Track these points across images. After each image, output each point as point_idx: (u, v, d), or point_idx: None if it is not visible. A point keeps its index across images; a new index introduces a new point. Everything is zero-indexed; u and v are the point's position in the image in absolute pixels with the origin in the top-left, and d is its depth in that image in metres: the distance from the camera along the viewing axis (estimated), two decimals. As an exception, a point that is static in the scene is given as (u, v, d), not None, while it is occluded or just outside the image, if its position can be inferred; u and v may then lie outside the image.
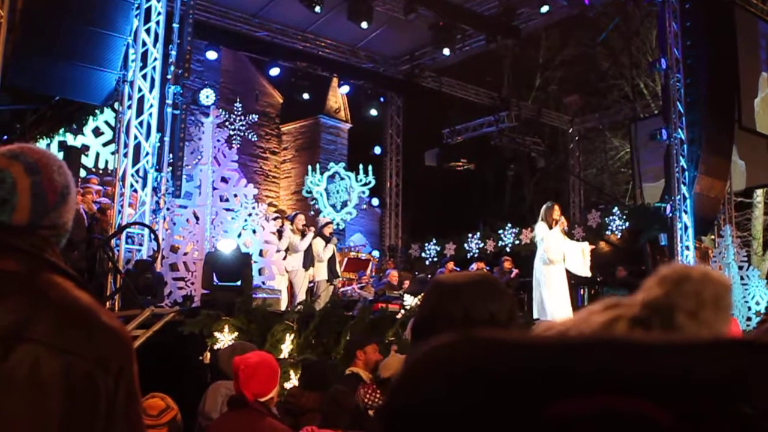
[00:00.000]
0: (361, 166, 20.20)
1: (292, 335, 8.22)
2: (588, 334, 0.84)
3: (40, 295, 1.61)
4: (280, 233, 12.87)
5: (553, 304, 11.09)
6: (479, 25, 19.25)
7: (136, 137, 10.91)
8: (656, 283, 0.99)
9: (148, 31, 11.15)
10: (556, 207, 11.63)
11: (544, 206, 11.72)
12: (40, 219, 1.73)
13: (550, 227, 11.35)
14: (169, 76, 11.53)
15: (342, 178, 20.23)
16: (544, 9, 17.75)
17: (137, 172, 10.89)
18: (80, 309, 1.63)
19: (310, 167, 20.40)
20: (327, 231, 14.15)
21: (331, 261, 13.98)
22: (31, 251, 1.68)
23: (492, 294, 1.85)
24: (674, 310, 0.94)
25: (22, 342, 1.54)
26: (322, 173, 19.95)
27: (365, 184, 20.04)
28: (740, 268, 15.67)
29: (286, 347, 8.16)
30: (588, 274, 11.96)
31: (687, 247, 15.38)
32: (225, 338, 7.94)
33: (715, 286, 0.99)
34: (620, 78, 25.71)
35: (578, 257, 11.60)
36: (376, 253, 20.36)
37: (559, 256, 11.30)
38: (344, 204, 19.99)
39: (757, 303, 15.33)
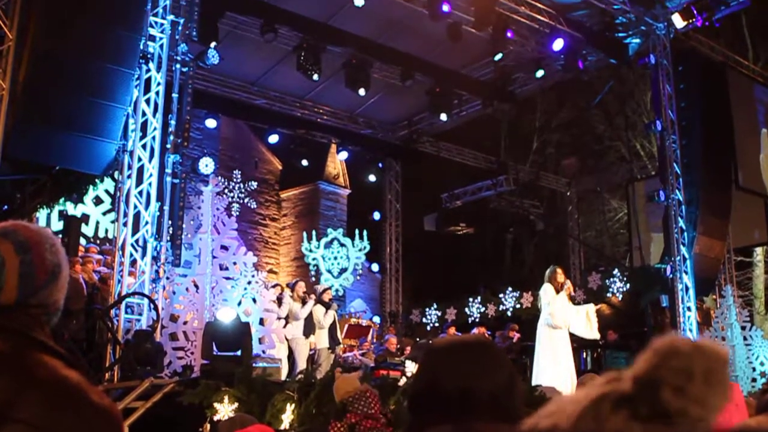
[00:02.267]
0: (356, 231, 20.24)
1: (293, 405, 8.12)
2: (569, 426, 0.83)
3: (27, 375, 1.59)
4: (279, 301, 12.82)
5: (556, 369, 10.98)
6: (475, 91, 19.47)
7: (135, 206, 10.94)
8: (646, 356, 0.97)
9: (147, 101, 11.25)
10: (560, 270, 11.61)
11: (548, 270, 11.69)
12: (28, 298, 1.72)
13: (557, 291, 11.30)
14: (168, 146, 11.60)
15: (342, 244, 20.24)
16: (540, 74, 17.94)
17: (137, 241, 10.89)
18: (68, 389, 1.61)
19: (305, 234, 20.40)
20: (326, 297, 14.07)
21: (332, 327, 13.88)
22: (18, 330, 1.67)
23: (490, 366, 1.77)
24: (659, 386, 0.91)
25: (7, 423, 1.52)
26: (318, 239, 19.96)
27: (361, 249, 20.06)
28: (743, 328, 15.56)
29: (287, 417, 8.05)
30: (596, 335, 11.92)
31: (689, 308, 15.32)
32: (225, 409, 7.84)
33: (706, 360, 0.96)
34: (616, 140, 25.92)
35: (583, 320, 11.54)
36: (377, 319, 20.24)
37: (564, 321, 11.25)
38: (343, 270, 19.98)
39: (762, 363, 15.19)
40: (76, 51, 10.11)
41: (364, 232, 20.31)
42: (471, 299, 19.93)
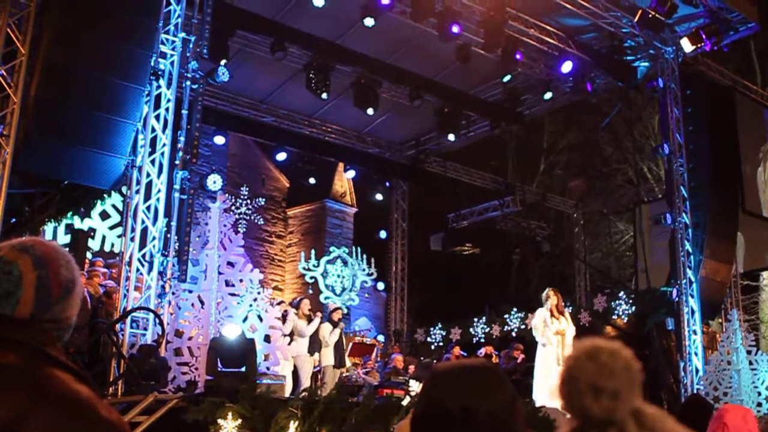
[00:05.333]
0: (365, 255, 20.24)
1: (296, 422, 8.11)
2: None
3: (38, 390, 1.61)
4: (284, 318, 12.81)
5: (552, 387, 10.97)
6: (484, 111, 19.52)
7: (143, 221, 10.96)
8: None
9: (157, 117, 11.29)
10: (550, 292, 11.85)
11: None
12: (42, 313, 1.75)
13: (551, 313, 11.47)
14: (177, 162, 11.63)
15: (345, 262, 20.24)
16: (548, 95, 18.00)
17: (143, 256, 10.90)
18: (78, 403, 1.63)
19: (303, 253, 20.39)
20: (336, 317, 14.03)
21: (339, 346, 13.84)
22: (31, 344, 1.69)
23: (492, 387, 1.79)
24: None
25: None
26: (318, 258, 19.92)
27: (370, 274, 20.08)
28: (749, 352, 15.48)
29: (290, 435, 8.05)
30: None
31: (694, 332, 15.27)
32: (229, 425, 7.84)
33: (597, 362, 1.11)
34: (624, 162, 25.93)
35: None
36: (381, 338, 20.22)
37: (548, 339, 11.40)
38: (345, 288, 19.97)
39: (767, 388, 15.11)
40: (88, 67, 10.17)
41: (358, 250, 20.35)
42: (476, 319, 19.90)
